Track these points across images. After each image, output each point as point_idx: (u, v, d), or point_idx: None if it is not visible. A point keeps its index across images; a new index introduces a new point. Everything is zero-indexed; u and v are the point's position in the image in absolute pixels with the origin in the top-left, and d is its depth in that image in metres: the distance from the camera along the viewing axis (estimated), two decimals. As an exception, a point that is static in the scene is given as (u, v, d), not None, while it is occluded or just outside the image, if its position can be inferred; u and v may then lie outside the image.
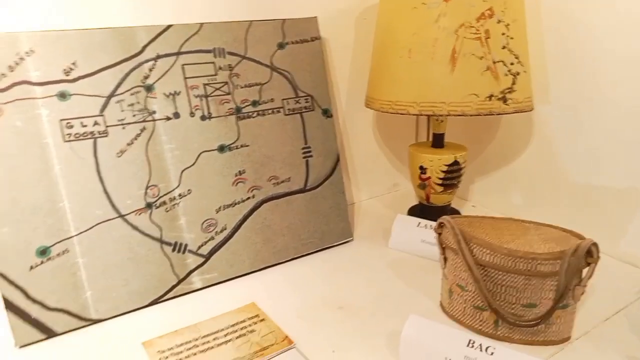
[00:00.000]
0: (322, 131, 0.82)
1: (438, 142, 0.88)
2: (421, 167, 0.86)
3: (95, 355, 0.60)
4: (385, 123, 1.05)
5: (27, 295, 0.62)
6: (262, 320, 0.65)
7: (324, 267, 0.78)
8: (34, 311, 0.62)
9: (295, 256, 0.80)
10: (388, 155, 1.07)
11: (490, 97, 0.72)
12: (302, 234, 0.80)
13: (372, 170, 1.05)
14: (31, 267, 0.62)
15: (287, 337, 0.62)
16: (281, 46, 0.78)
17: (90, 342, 0.63)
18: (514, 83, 0.72)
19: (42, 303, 0.63)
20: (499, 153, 0.96)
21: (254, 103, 0.76)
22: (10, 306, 0.61)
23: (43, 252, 0.63)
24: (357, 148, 1.02)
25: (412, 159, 0.88)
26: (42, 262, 0.62)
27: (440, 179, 0.85)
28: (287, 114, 0.79)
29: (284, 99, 0.78)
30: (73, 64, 0.63)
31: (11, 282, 0.61)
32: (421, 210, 0.92)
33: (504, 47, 0.71)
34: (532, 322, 0.57)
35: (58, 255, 0.63)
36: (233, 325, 0.64)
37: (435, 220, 0.67)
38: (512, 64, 0.72)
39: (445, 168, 0.84)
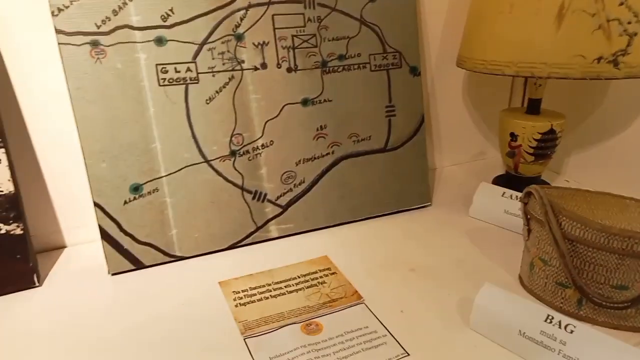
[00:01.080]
0: (408, 90, 0.80)
1: (534, 108, 0.82)
2: (512, 134, 0.81)
3: (177, 290, 0.65)
4: (476, 85, 0.99)
5: (121, 228, 0.67)
6: (334, 273, 0.66)
7: (399, 229, 0.77)
8: (126, 243, 0.68)
9: (371, 215, 0.80)
10: (476, 121, 1.02)
11: (599, 59, 0.65)
12: (379, 194, 0.80)
13: (457, 135, 1.01)
14: (125, 202, 0.67)
15: (356, 292, 0.62)
16: (372, -1, 0.75)
17: (173, 277, 0.67)
18: (629, 45, 0.65)
19: (132, 236, 0.68)
20: (601, 124, 0.87)
21: (340, 57, 0.75)
22: (105, 236, 0.66)
23: (136, 188, 0.67)
24: (443, 110, 0.97)
25: (502, 125, 0.83)
26: (134, 198, 0.67)
27: (532, 147, 0.80)
28: (373, 70, 0.77)
29: (371, 54, 0.76)
30: (170, 10, 0.65)
31: (107, 214, 0.66)
32: (507, 180, 0.87)
33: (621, 4, 0.64)
34: (622, 305, 0.52)
35: (149, 193, 0.68)
36: (305, 275, 0.66)
37: (521, 192, 0.63)
38: (629, 22, 0.64)
39: (538, 136, 0.79)
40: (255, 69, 0.70)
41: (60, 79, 0.65)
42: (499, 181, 0.89)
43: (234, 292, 0.63)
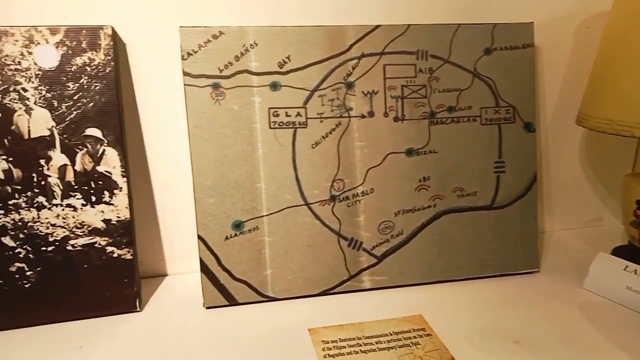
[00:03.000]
0: (521, 146, 0.75)
1: (666, 175, 0.74)
2: (638, 202, 0.73)
3: (267, 331, 0.64)
4: (597, 145, 0.92)
5: (219, 262, 0.69)
6: (429, 335, 0.62)
7: (503, 295, 0.71)
8: (222, 278, 0.69)
9: (471, 276, 0.75)
10: (594, 184, 0.94)
11: None
12: (482, 254, 0.75)
13: (572, 197, 0.93)
14: (226, 238, 0.69)
15: (453, 358, 0.57)
16: (488, 52, 0.73)
17: (264, 318, 0.67)
18: None
19: (229, 272, 0.69)
20: None
21: (450, 109, 0.73)
22: (204, 269, 0.68)
23: (238, 225, 0.69)
24: (557, 170, 0.91)
25: (627, 191, 0.76)
26: (235, 235, 0.69)
27: (664, 219, 0.71)
28: (484, 124, 0.74)
29: (482, 108, 0.74)
30: (287, 57, 0.67)
31: (209, 248, 0.68)
32: (631, 253, 0.78)
33: None
34: None
35: (249, 230, 0.69)
36: (397, 333, 0.63)
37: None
38: None
39: (672, 207, 0.70)
40: (362, 116, 0.71)
41: (181, 117, 0.70)
42: (620, 253, 0.80)
43: (323, 341, 0.61)
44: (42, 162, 0.64)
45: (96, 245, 0.66)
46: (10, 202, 0.63)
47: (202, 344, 0.62)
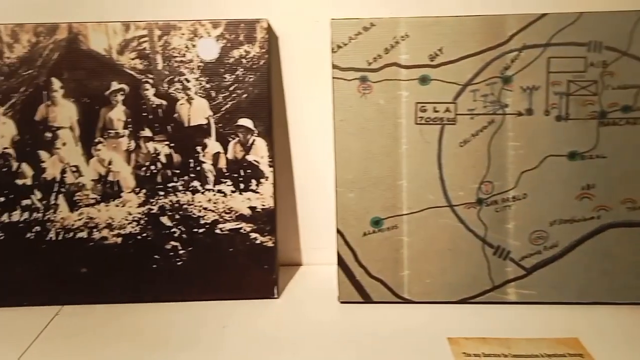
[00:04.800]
0: None
1: None
2: None
3: (402, 334, 0.62)
4: None
5: (356, 258, 0.68)
6: (588, 363, 0.55)
7: (680, 327, 0.61)
8: (358, 274, 0.68)
9: (638, 301, 0.65)
10: None
11: None
12: (654, 277, 0.65)
13: None
14: (364, 234, 0.67)
15: (620, 395, 0.50)
16: (678, 43, 0.63)
17: (399, 320, 0.65)
18: None
19: (366, 269, 0.68)
20: None
21: (625, 109, 0.63)
22: (341, 263, 0.68)
23: (377, 222, 0.67)
24: None
25: None
26: (373, 232, 0.67)
27: None
28: (668, 127, 0.64)
29: (667, 108, 0.63)
30: (439, 50, 0.64)
31: (347, 243, 0.68)
32: None
33: None
34: None
35: (388, 229, 0.67)
36: (550, 356, 0.56)
37: None
38: None
39: None
40: (519, 114, 0.64)
41: (326, 110, 0.70)
42: None
43: (464, 353, 0.57)
44: (199, 149, 0.68)
45: (241, 230, 0.69)
46: (170, 185, 0.68)
47: (336, 339, 0.61)
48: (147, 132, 0.67)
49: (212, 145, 0.68)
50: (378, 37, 0.64)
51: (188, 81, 0.67)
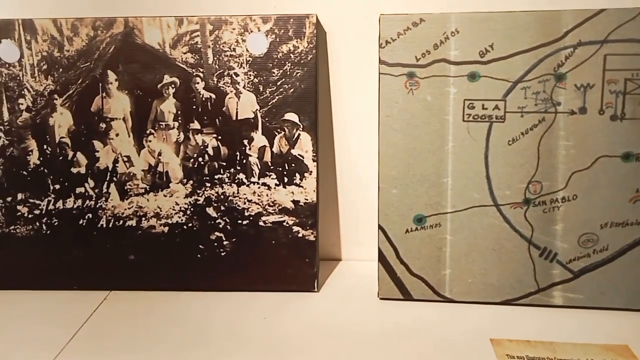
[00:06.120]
0: None
1: None
2: None
3: (442, 333, 0.61)
4: None
5: (398, 255, 0.67)
6: (640, 371, 0.53)
7: None
8: (399, 271, 0.68)
9: (696, 311, 0.63)
10: None
11: None
12: None
13: None
14: (406, 231, 0.67)
15: (675, 406, 0.48)
16: None
17: (440, 318, 0.64)
18: None
19: (407, 266, 0.67)
20: None
21: (686, 109, 0.61)
22: (382, 260, 0.68)
23: (419, 220, 0.67)
24: None
25: None
26: (416, 229, 0.67)
27: None
28: None
29: None
30: (491, 45, 0.63)
31: (388, 239, 0.67)
32: None
33: None
34: None
35: (431, 226, 0.67)
36: (598, 362, 0.55)
37: None
38: None
39: None
40: (572, 113, 0.63)
41: (371, 105, 0.69)
42: None
43: (508, 355, 0.56)
44: (245, 142, 0.69)
45: (284, 224, 0.70)
46: (216, 177, 0.70)
47: (376, 335, 0.61)
48: (196, 125, 0.69)
49: (259, 138, 0.69)
50: (427, 33, 0.64)
51: (237, 75, 0.68)
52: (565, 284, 0.65)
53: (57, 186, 0.70)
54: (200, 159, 0.69)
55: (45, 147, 0.70)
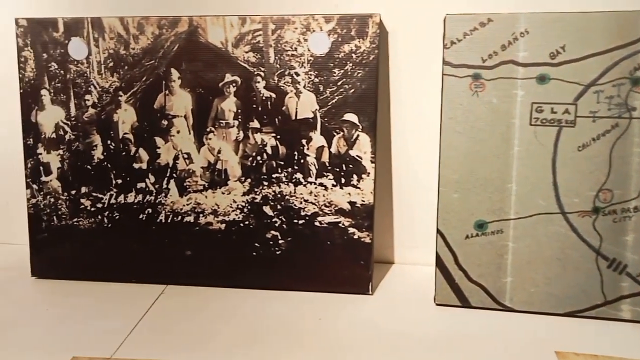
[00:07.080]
0: None
1: None
2: None
3: (503, 343, 0.59)
4: None
5: (456, 261, 0.66)
6: None
7: None
8: (457, 277, 0.66)
9: None
10: None
11: None
12: None
13: None
14: (467, 236, 0.65)
15: None
16: None
17: (499, 328, 0.62)
18: None
19: (466, 272, 0.66)
20: None
21: None
22: (440, 265, 0.66)
23: (481, 225, 0.65)
24: None
25: None
26: (477, 235, 0.65)
27: None
28: None
29: None
30: (562, 47, 0.60)
31: (447, 244, 0.66)
32: None
33: None
34: None
35: (492, 233, 0.65)
36: (674, 382, 0.52)
37: None
38: None
39: None
40: (648, 119, 0.60)
41: (433, 107, 0.68)
42: None
43: (575, 369, 0.54)
44: (304, 142, 0.69)
45: (340, 224, 0.69)
46: (274, 176, 0.70)
47: (433, 341, 0.60)
48: (255, 124, 0.69)
49: (317, 138, 0.69)
50: (495, 33, 0.62)
51: (297, 75, 0.68)
52: (634, 297, 0.62)
53: (119, 181, 0.72)
54: (258, 158, 0.70)
55: (109, 142, 0.72)
